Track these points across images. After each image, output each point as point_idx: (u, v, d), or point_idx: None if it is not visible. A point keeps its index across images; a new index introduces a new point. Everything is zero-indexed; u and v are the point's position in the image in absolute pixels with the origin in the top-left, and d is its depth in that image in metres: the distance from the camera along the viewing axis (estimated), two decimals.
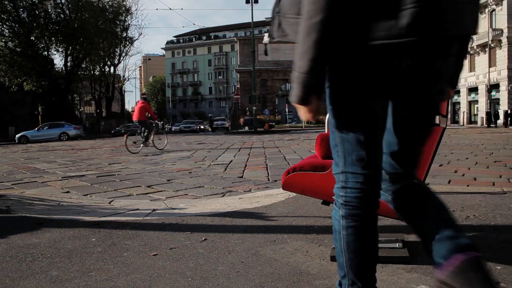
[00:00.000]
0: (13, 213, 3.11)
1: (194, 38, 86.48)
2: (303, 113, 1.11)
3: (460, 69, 1.21)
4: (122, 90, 50.66)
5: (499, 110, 33.04)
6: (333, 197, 1.20)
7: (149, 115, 11.17)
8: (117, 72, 47.41)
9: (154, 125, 11.38)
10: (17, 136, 24.75)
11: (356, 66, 1.04)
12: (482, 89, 36.30)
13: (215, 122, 44.28)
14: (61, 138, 24.78)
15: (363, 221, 1.14)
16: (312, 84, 1.05)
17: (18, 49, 31.59)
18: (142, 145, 10.98)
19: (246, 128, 29.96)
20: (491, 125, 30.46)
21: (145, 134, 11.05)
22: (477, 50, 36.62)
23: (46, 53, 34.52)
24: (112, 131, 34.43)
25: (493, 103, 34.97)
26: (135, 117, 11.27)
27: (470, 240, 1.03)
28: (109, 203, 3.77)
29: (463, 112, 40.11)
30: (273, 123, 40.14)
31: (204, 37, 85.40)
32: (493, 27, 34.34)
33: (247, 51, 45.12)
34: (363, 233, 1.14)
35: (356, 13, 0.99)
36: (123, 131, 34.06)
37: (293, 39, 1.07)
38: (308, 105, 1.08)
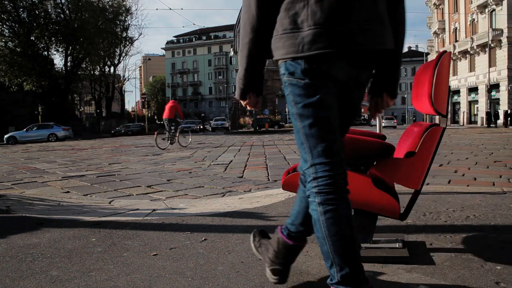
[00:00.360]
0: (13, 213, 3.11)
1: (194, 38, 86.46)
2: (243, 105, 1.45)
3: (392, 81, 1.43)
4: (122, 90, 50.67)
5: (499, 110, 33.03)
6: (307, 193, 1.31)
7: (178, 114, 12.23)
8: (117, 72, 47.46)
9: (179, 124, 12.46)
10: (5, 136, 24.68)
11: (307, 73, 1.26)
12: (482, 89, 36.30)
13: (214, 122, 44.16)
14: (50, 139, 24.74)
15: (337, 204, 1.25)
16: (247, 85, 1.38)
17: (18, 49, 31.58)
18: (169, 141, 12.03)
19: (257, 128, 30.03)
20: (491, 125, 30.46)
21: (173, 131, 12.07)
22: (477, 50, 36.61)
23: (46, 53, 34.53)
24: (112, 131, 34.44)
25: (493, 103, 34.96)
26: (165, 115, 12.21)
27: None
28: (109, 203, 3.77)
29: (463, 112, 40.12)
30: (282, 123, 40.22)
31: (204, 37, 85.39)
32: (493, 27, 34.34)
33: None
34: (340, 215, 1.25)
35: (284, 31, 1.26)
36: (123, 131, 34.09)
37: None
38: (245, 100, 1.43)
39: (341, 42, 1.19)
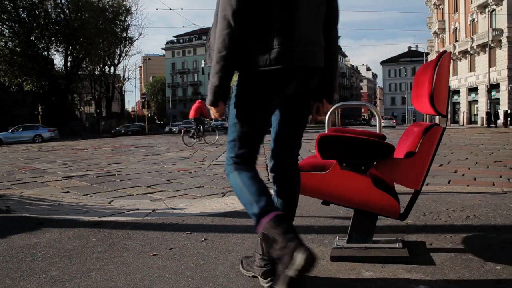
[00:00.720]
0: (13, 213, 3.11)
1: (194, 38, 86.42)
2: (213, 112, 1.59)
3: (330, 90, 1.67)
4: (122, 90, 50.65)
5: (499, 110, 33.02)
6: (224, 162, 1.68)
7: (203, 113, 12.83)
8: (117, 72, 47.42)
9: (205, 123, 13.20)
10: None
11: (248, 84, 1.52)
12: (482, 89, 36.30)
13: (214, 122, 44.22)
14: (35, 140, 24.68)
15: (246, 167, 1.61)
16: (219, 93, 1.52)
17: (18, 49, 31.57)
18: (195, 139, 12.72)
19: None
20: (491, 125, 30.46)
21: (198, 130, 12.80)
22: (477, 50, 36.61)
23: (46, 53, 34.52)
24: (112, 131, 34.43)
25: (493, 103, 34.96)
26: (191, 115, 12.90)
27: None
28: (109, 203, 3.77)
29: (463, 112, 40.12)
30: None
31: (204, 37, 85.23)
32: (493, 27, 34.34)
33: None
34: (249, 171, 1.59)
35: (246, 50, 1.47)
36: (123, 131, 34.08)
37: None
38: (216, 107, 1.56)
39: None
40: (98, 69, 42.63)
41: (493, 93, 34.69)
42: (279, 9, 1.45)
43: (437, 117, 1.91)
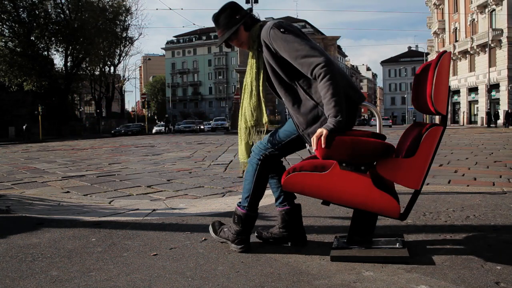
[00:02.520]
0: (13, 213, 3.11)
1: (194, 38, 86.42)
2: (323, 142, 1.78)
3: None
4: (122, 90, 50.63)
5: (499, 110, 33.00)
6: (254, 151, 2.10)
7: None
8: (117, 72, 47.39)
9: None
10: None
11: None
12: (482, 89, 36.29)
13: (214, 122, 44.02)
14: None
15: (268, 168, 2.11)
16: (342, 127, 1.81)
17: (18, 49, 31.52)
18: None
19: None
20: (491, 125, 30.45)
21: None
22: (477, 50, 36.60)
23: (46, 53, 34.46)
24: (112, 131, 34.40)
25: (493, 103, 34.96)
26: None
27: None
28: (109, 203, 3.77)
29: (463, 112, 40.11)
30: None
31: (204, 37, 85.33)
32: (493, 27, 34.33)
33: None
34: (266, 172, 2.11)
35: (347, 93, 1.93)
36: (123, 131, 34.06)
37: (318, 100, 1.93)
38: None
39: None
40: (98, 69, 42.58)
41: (493, 93, 34.68)
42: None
43: (437, 117, 1.91)
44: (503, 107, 33.06)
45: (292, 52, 1.85)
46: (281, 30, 1.88)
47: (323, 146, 1.78)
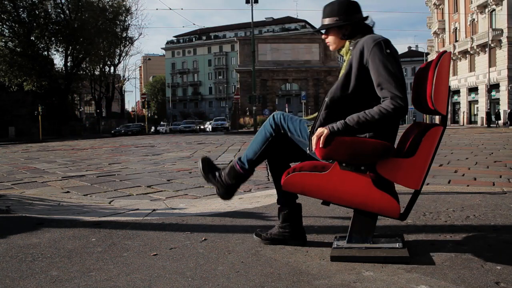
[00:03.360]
0: (13, 213, 3.11)
1: (194, 38, 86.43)
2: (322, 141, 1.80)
3: None
4: (122, 90, 50.66)
5: (500, 110, 32.95)
6: (273, 118, 2.06)
7: None
8: (117, 72, 47.42)
9: None
10: None
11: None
12: (482, 89, 36.29)
13: (214, 122, 43.91)
14: None
15: (279, 139, 2.07)
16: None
17: (18, 49, 31.51)
18: None
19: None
20: (491, 125, 30.43)
21: None
22: (477, 50, 36.60)
23: (46, 53, 34.46)
24: (112, 131, 34.39)
25: (493, 103, 34.95)
26: None
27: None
28: (109, 203, 3.77)
29: (463, 112, 40.11)
30: None
31: (204, 37, 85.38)
32: (493, 27, 34.32)
33: (247, 51, 45.03)
34: (276, 140, 2.07)
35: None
36: (123, 131, 34.06)
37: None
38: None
39: None
40: (98, 69, 42.61)
41: (493, 93, 34.69)
42: None
43: (437, 117, 1.91)
44: (503, 107, 33.06)
45: (383, 70, 1.78)
46: (387, 50, 1.81)
47: (321, 145, 1.77)
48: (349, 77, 1.87)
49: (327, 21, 1.98)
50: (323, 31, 2.04)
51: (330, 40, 2.03)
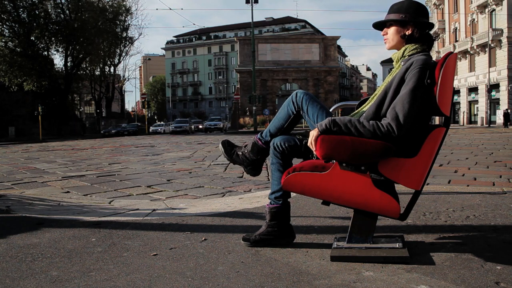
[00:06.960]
0: (13, 213, 3.11)
1: (194, 38, 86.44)
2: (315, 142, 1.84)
3: None
4: (122, 90, 50.67)
5: (508, 110, 31.71)
6: (295, 96, 2.17)
7: None
8: (117, 72, 47.44)
9: None
10: None
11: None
12: (482, 89, 36.27)
13: (207, 122, 41.16)
14: None
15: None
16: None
17: (18, 49, 31.53)
18: None
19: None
20: (491, 125, 30.21)
21: None
22: (477, 50, 36.59)
23: (46, 53, 34.47)
24: (102, 131, 33.60)
25: (493, 103, 34.91)
26: None
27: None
28: (109, 203, 3.77)
29: (463, 112, 40.09)
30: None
31: (204, 37, 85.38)
32: (493, 27, 34.31)
33: (247, 51, 45.09)
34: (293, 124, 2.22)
35: None
36: (113, 131, 32.94)
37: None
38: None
39: None
40: (98, 69, 42.62)
41: (493, 93, 34.66)
42: None
43: (436, 117, 1.91)
44: (503, 107, 33.00)
45: (408, 96, 1.77)
46: (428, 81, 1.79)
47: (314, 147, 1.81)
48: (388, 90, 1.88)
49: (391, 16, 1.95)
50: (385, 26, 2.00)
51: (389, 36, 1.99)
